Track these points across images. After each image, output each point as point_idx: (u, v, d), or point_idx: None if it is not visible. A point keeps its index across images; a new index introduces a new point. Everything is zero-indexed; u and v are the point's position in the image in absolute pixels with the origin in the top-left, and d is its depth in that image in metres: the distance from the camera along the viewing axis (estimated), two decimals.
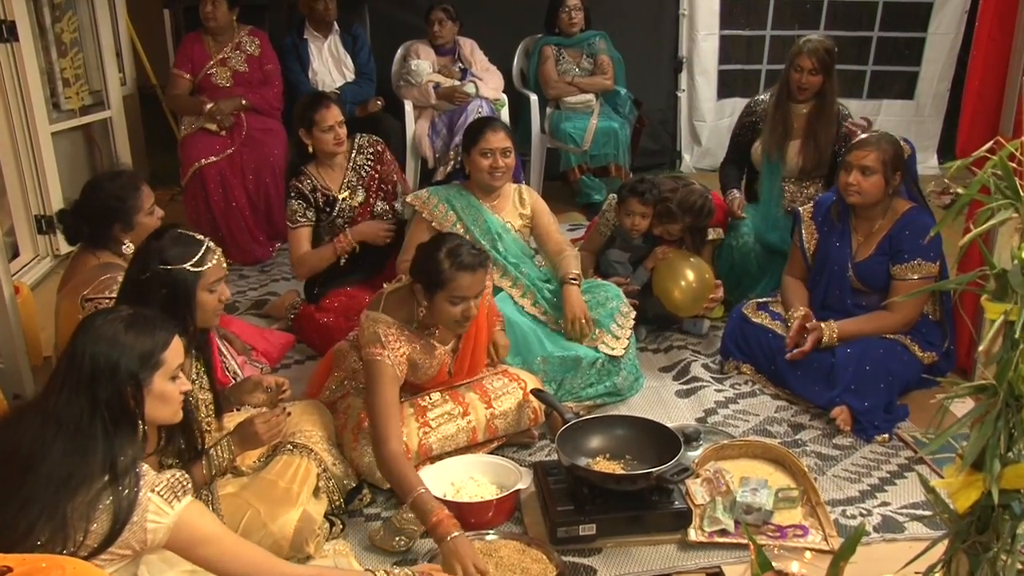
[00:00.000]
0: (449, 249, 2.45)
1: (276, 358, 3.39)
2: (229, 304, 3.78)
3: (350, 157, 3.56)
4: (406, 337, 2.52)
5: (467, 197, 3.21)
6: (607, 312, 3.14)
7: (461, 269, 2.43)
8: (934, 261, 2.95)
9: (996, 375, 1.37)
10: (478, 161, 3.14)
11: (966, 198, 1.45)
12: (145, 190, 2.71)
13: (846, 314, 3.07)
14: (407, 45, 5.21)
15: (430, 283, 2.46)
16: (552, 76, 5.15)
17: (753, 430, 2.94)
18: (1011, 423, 1.36)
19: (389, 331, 2.48)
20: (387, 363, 2.44)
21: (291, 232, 3.50)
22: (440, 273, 2.43)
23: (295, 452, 2.33)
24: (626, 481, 2.38)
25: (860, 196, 2.99)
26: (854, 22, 5.92)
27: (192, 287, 2.07)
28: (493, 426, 2.72)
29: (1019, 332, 1.31)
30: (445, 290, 2.44)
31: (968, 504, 1.42)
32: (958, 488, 1.43)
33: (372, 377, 2.45)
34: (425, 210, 3.15)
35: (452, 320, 2.50)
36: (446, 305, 2.46)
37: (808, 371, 3.02)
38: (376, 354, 2.45)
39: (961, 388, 1.43)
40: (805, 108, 3.63)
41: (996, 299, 1.39)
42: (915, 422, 2.93)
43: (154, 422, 1.78)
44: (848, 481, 2.65)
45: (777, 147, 3.66)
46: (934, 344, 3.03)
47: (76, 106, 4.69)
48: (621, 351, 3.08)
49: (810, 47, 3.56)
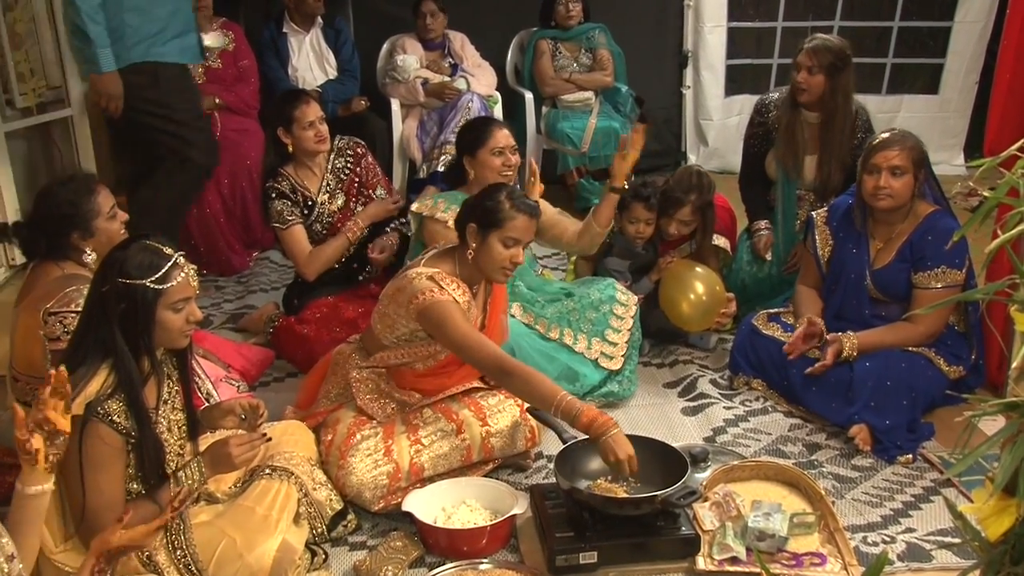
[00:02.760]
0: (509, 192, 2.68)
1: (254, 376, 3.37)
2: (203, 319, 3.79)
3: (329, 160, 3.56)
4: (457, 282, 2.65)
5: None
6: (601, 316, 3.22)
7: (520, 210, 2.63)
8: (960, 268, 2.95)
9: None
10: (490, 161, 3.18)
11: (993, 201, 1.44)
12: (103, 192, 2.69)
13: (864, 325, 3.06)
14: (393, 39, 5.22)
15: (487, 222, 2.62)
16: (548, 72, 5.16)
17: (765, 450, 2.93)
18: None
19: (443, 275, 2.62)
20: (452, 300, 2.57)
21: (284, 233, 3.47)
22: (500, 212, 2.62)
23: (274, 476, 2.31)
24: (629, 505, 2.37)
25: (892, 199, 2.97)
26: (873, 12, 5.94)
27: (151, 305, 2.04)
28: (488, 445, 2.71)
29: None
30: (502, 229, 2.61)
31: (1001, 531, 1.41)
32: (989, 514, 1.42)
33: (442, 318, 2.54)
34: (437, 212, 3.18)
35: (499, 265, 2.64)
36: (499, 246, 2.62)
37: (824, 387, 3.02)
38: (438, 295, 2.56)
39: (990, 405, 1.41)
40: (815, 117, 3.56)
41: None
42: (941, 441, 2.92)
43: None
44: (869, 505, 2.64)
45: (793, 163, 3.62)
46: (961, 357, 3.02)
47: (32, 103, 4.64)
48: (620, 360, 3.18)
49: (812, 44, 3.49)
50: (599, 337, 3.23)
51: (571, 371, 3.15)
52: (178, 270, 2.07)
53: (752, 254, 3.78)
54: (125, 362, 2.03)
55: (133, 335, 2.04)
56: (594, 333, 3.23)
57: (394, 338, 2.68)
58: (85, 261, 2.64)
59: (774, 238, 3.75)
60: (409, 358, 2.70)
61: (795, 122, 3.57)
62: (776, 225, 3.76)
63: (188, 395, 2.24)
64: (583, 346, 3.21)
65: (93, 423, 1.98)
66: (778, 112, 3.63)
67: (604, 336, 3.23)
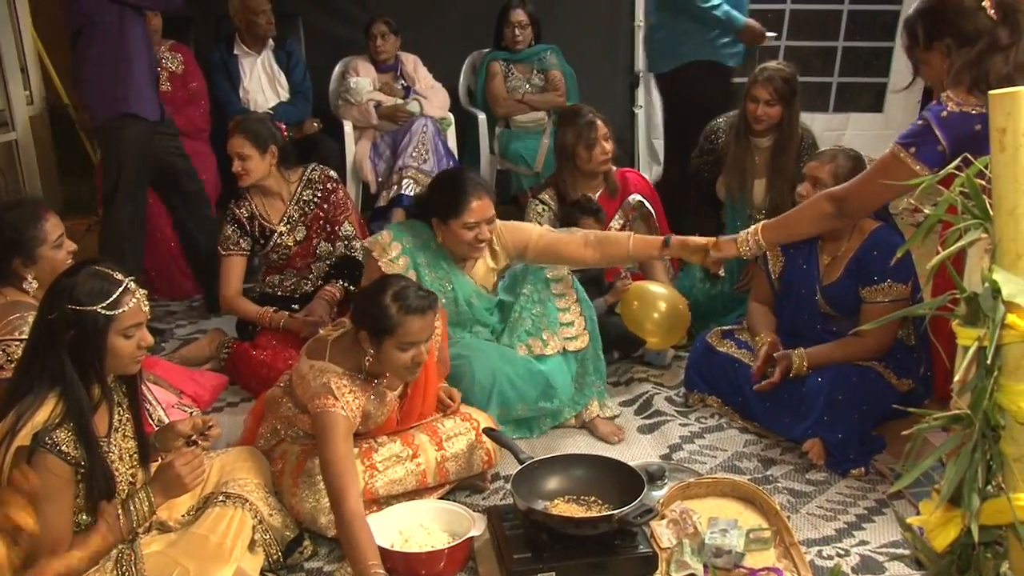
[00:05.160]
0: (395, 293, 2.43)
1: (207, 401, 3.33)
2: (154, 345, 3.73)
3: (296, 190, 3.53)
4: (358, 387, 2.48)
5: (437, 259, 3.06)
6: (545, 307, 3.13)
7: (410, 313, 2.41)
8: (905, 282, 3.01)
9: (971, 404, 1.39)
10: (459, 233, 2.95)
11: (933, 219, 1.48)
12: (51, 220, 2.66)
13: (816, 340, 3.11)
14: (345, 61, 5.22)
15: (377, 330, 2.43)
16: (501, 93, 5.19)
17: (721, 467, 2.95)
18: (988, 455, 1.38)
19: (341, 382, 2.44)
20: (341, 414, 2.39)
21: (223, 259, 3.48)
22: (388, 319, 2.40)
23: (228, 503, 2.29)
24: (586, 525, 2.37)
25: None
26: (818, 32, 6.06)
27: (103, 331, 2.02)
28: (444, 469, 2.70)
29: (991, 358, 1.33)
30: (394, 337, 2.42)
31: (947, 542, 1.44)
32: (936, 525, 1.45)
33: (326, 430, 2.38)
34: (383, 259, 3.00)
35: (402, 367, 2.48)
36: (395, 352, 2.44)
37: (777, 402, 3.05)
38: (329, 405, 2.39)
39: (934, 419, 1.45)
40: (766, 142, 3.62)
41: (968, 324, 1.41)
42: (892, 454, 2.96)
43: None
44: (823, 519, 2.67)
45: (740, 188, 3.68)
46: (910, 370, 3.08)
47: None
48: (584, 334, 3.13)
49: (765, 75, 3.54)
50: (552, 329, 3.11)
51: (549, 388, 3.06)
52: (129, 295, 2.05)
53: (704, 271, 3.82)
54: (75, 390, 2.00)
55: (83, 362, 2.02)
56: (547, 326, 3.11)
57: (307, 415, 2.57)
58: (25, 288, 2.59)
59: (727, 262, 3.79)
60: None
61: (745, 149, 3.63)
62: None
63: (139, 422, 2.22)
64: (550, 348, 3.10)
65: (40, 454, 1.94)
66: (727, 138, 3.68)
67: (558, 322, 3.10)
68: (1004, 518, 1.38)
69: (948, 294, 1.47)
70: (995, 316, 1.34)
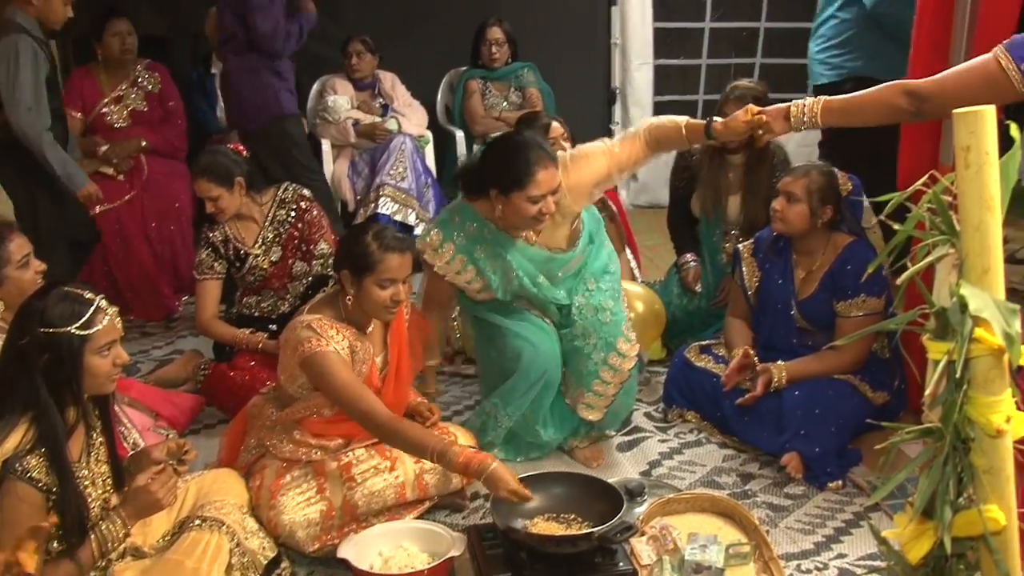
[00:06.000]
0: (375, 232, 2.59)
1: (184, 423, 3.31)
2: (129, 366, 3.69)
3: (270, 211, 3.52)
4: (339, 327, 2.58)
5: (495, 247, 2.88)
6: (592, 365, 2.99)
7: (389, 250, 2.55)
8: (879, 296, 3.04)
9: (941, 417, 1.40)
10: (522, 207, 2.74)
11: (902, 235, 1.50)
12: (16, 241, 2.64)
13: (792, 354, 3.13)
14: (323, 80, 5.22)
15: (358, 267, 2.56)
16: (478, 111, 5.21)
17: (700, 482, 2.96)
18: (959, 467, 1.39)
19: (322, 322, 2.55)
20: (330, 349, 2.50)
21: (198, 283, 3.48)
22: (368, 255, 2.54)
23: (204, 527, 2.26)
24: (566, 543, 2.37)
25: (783, 224, 3.11)
26: (791, 50, 6.11)
27: (79, 352, 2.01)
28: (423, 482, 2.70)
29: (960, 373, 1.35)
30: (374, 273, 2.54)
31: (921, 555, 1.44)
32: (909, 538, 1.46)
33: (321, 367, 2.49)
34: (437, 263, 2.90)
35: (381, 306, 2.58)
36: (375, 289, 2.55)
37: (756, 417, 3.07)
38: (316, 345, 2.50)
39: (907, 432, 1.46)
40: (739, 159, 3.65)
41: (938, 338, 1.43)
42: (869, 466, 2.99)
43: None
44: (802, 533, 2.68)
45: (715, 204, 3.71)
46: (885, 384, 3.11)
47: None
48: (601, 411, 3.05)
49: (737, 94, 3.56)
50: (585, 387, 3.01)
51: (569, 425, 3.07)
52: (102, 314, 2.04)
53: (681, 287, 3.84)
54: (49, 415, 1.98)
55: (59, 385, 2.00)
56: (581, 382, 3.01)
57: (297, 387, 2.63)
58: None
59: (702, 271, 3.81)
60: (316, 407, 2.65)
61: (719, 166, 3.66)
62: (704, 259, 3.83)
63: (112, 445, 2.20)
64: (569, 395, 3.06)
65: (10, 481, 1.92)
66: (701, 155, 3.71)
67: (591, 387, 3.01)
68: (975, 530, 1.39)
69: (918, 309, 1.49)
70: (963, 330, 1.36)
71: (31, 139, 3.68)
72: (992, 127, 1.38)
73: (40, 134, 3.69)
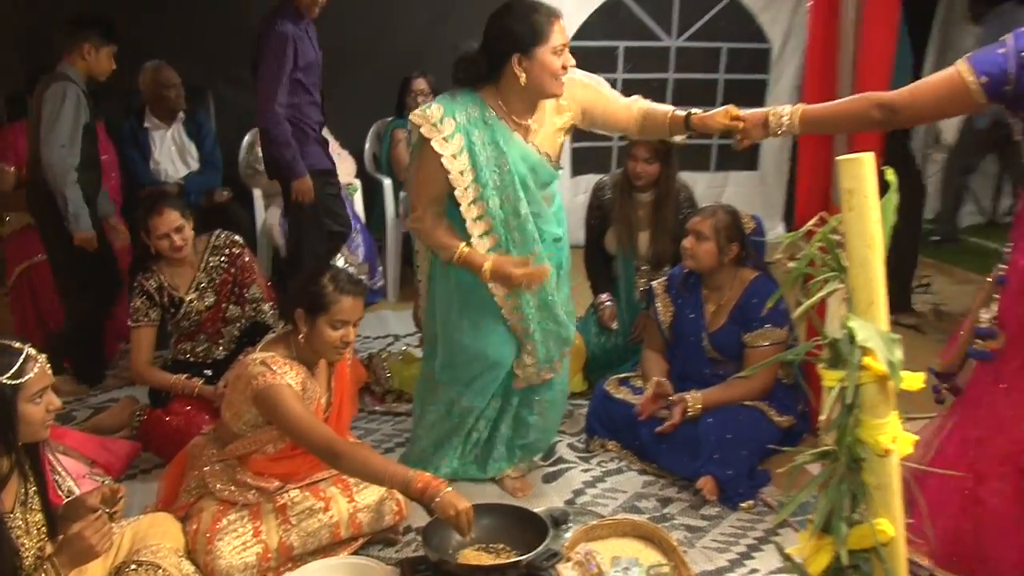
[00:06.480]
0: (332, 275, 2.63)
1: (120, 469, 3.21)
2: (65, 414, 3.57)
3: (203, 257, 3.48)
4: (291, 364, 2.59)
5: (492, 134, 2.70)
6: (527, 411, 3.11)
7: (344, 292, 2.58)
8: (782, 327, 3.13)
9: (836, 440, 1.46)
10: (549, 62, 2.57)
11: (797, 271, 1.56)
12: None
13: (705, 384, 3.20)
14: (254, 132, 5.18)
15: (313, 307, 2.58)
16: (405, 159, 5.19)
17: (622, 507, 2.99)
18: (853, 486, 1.45)
19: (276, 359, 2.55)
20: (283, 383, 2.50)
21: (133, 331, 3.40)
22: (324, 296, 2.56)
23: (140, 571, 2.20)
24: (495, 572, 2.37)
25: (693, 261, 3.19)
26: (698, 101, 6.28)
27: (11, 401, 1.95)
28: (357, 521, 2.68)
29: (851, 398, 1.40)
30: (328, 313, 2.56)
31: (821, 568, 1.50)
32: (811, 552, 1.51)
33: (274, 401, 2.48)
34: (435, 137, 2.68)
35: (331, 345, 2.59)
36: (327, 329, 2.57)
37: (672, 443, 3.12)
38: (269, 378, 2.49)
39: (805, 455, 1.51)
40: (647, 197, 3.72)
41: (831, 367, 1.49)
42: (777, 486, 3.06)
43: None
44: (717, 551, 2.72)
45: (627, 239, 3.77)
46: (790, 408, 3.19)
47: None
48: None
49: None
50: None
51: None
52: (32, 362, 1.99)
53: (599, 326, 3.89)
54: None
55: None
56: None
57: (242, 424, 2.61)
58: None
59: (618, 308, 3.87)
60: (259, 444, 2.63)
61: (629, 203, 3.74)
62: (619, 296, 3.89)
63: (45, 493, 2.12)
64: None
65: None
66: (613, 193, 3.79)
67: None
68: (868, 542, 1.45)
69: (813, 340, 1.55)
70: (853, 359, 1.42)
71: (56, 173, 3.68)
72: (872, 173, 1.45)
73: (67, 171, 3.69)
